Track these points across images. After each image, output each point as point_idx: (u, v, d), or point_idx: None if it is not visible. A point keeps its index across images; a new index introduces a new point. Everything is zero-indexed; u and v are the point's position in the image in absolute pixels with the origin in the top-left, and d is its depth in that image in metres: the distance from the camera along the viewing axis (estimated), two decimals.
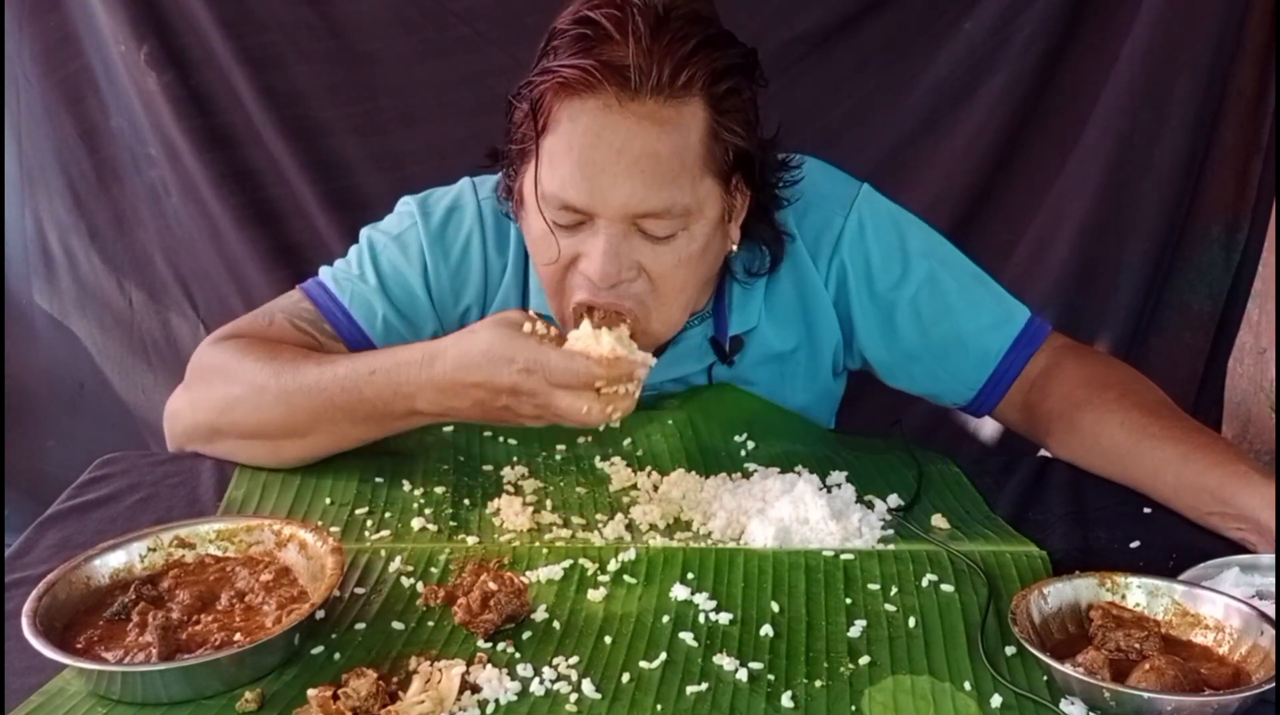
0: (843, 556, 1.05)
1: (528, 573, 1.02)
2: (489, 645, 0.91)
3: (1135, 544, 1.11)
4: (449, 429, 1.31)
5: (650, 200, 1.12)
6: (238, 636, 0.88)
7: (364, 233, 1.36)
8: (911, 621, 0.95)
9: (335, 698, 0.81)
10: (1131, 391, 1.26)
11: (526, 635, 0.93)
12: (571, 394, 1.05)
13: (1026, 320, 1.34)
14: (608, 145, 1.11)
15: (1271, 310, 1.89)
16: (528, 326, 1.07)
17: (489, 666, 0.87)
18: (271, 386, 1.17)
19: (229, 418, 1.20)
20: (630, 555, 1.05)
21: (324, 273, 1.34)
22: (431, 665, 0.87)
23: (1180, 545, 1.09)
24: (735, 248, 1.25)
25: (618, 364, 1.04)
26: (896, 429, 1.35)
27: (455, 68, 1.98)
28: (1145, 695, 0.81)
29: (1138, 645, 0.88)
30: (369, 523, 1.12)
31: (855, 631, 0.94)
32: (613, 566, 1.03)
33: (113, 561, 0.96)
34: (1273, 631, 0.86)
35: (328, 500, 1.16)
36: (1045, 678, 0.88)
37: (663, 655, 0.90)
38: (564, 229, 1.15)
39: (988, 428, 2.05)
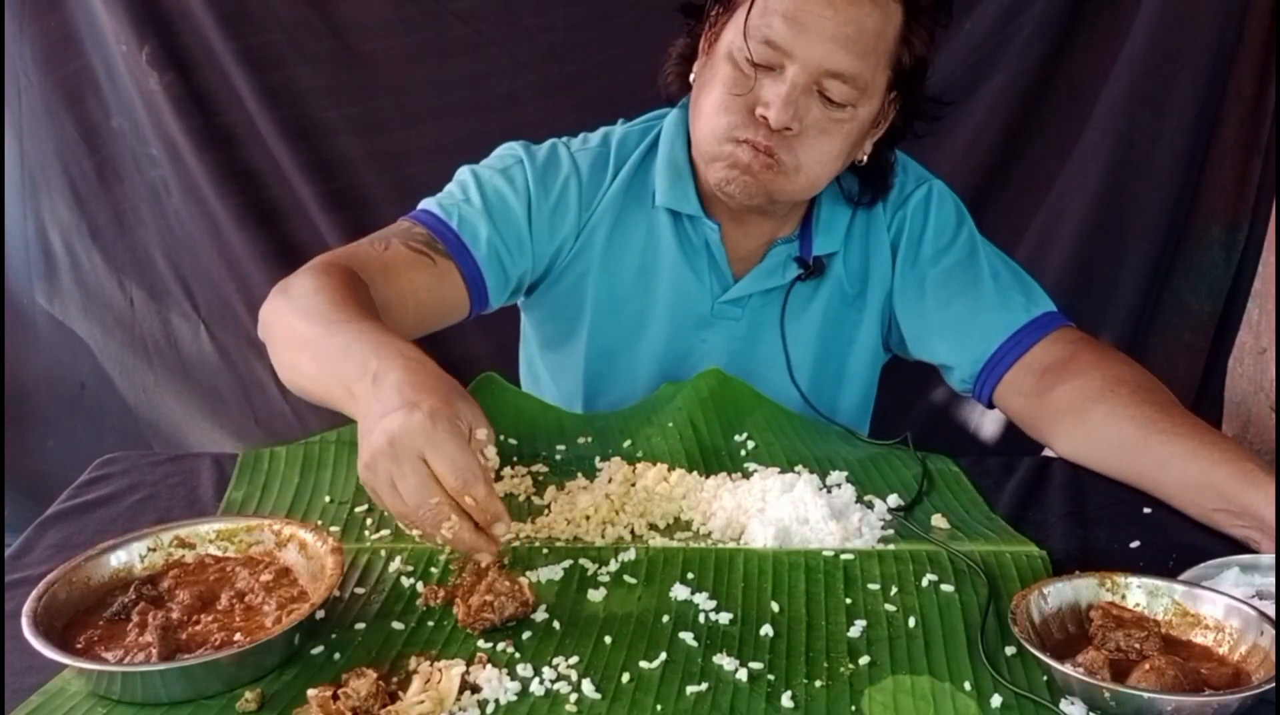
0: (843, 556, 1.05)
1: (528, 573, 1.02)
2: (489, 645, 0.91)
3: (1135, 544, 1.11)
4: None
5: (843, 62, 1.24)
6: (238, 636, 0.88)
7: (465, 168, 1.43)
8: (911, 621, 0.95)
9: (335, 698, 0.81)
10: (1144, 388, 1.26)
11: (526, 635, 0.93)
12: (440, 463, 0.92)
13: (1044, 310, 1.38)
14: (827, 1, 1.23)
15: (1271, 310, 1.89)
16: (482, 433, 0.97)
17: (489, 666, 0.87)
18: (306, 305, 1.15)
19: (275, 323, 1.19)
20: (630, 555, 1.05)
21: (427, 202, 1.39)
22: (431, 665, 0.87)
23: (1180, 545, 1.09)
24: (865, 159, 1.37)
25: (492, 500, 0.94)
26: (905, 441, 1.35)
27: (455, 68, 1.99)
28: (1145, 695, 0.81)
29: (1138, 645, 0.88)
30: (369, 522, 1.12)
31: (855, 631, 0.94)
32: (613, 566, 1.03)
33: (113, 561, 0.96)
34: (1273, 631, 0.86)
35: (327, 499, 1.17)
36: (1045, 678, 0.88)
37: (663, 655, 0.90)
38: (755, 67, 1.26)
39: (988, 428, 2.05)
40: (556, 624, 0.94)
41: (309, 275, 1.21)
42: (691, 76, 1.37)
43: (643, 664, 0.89)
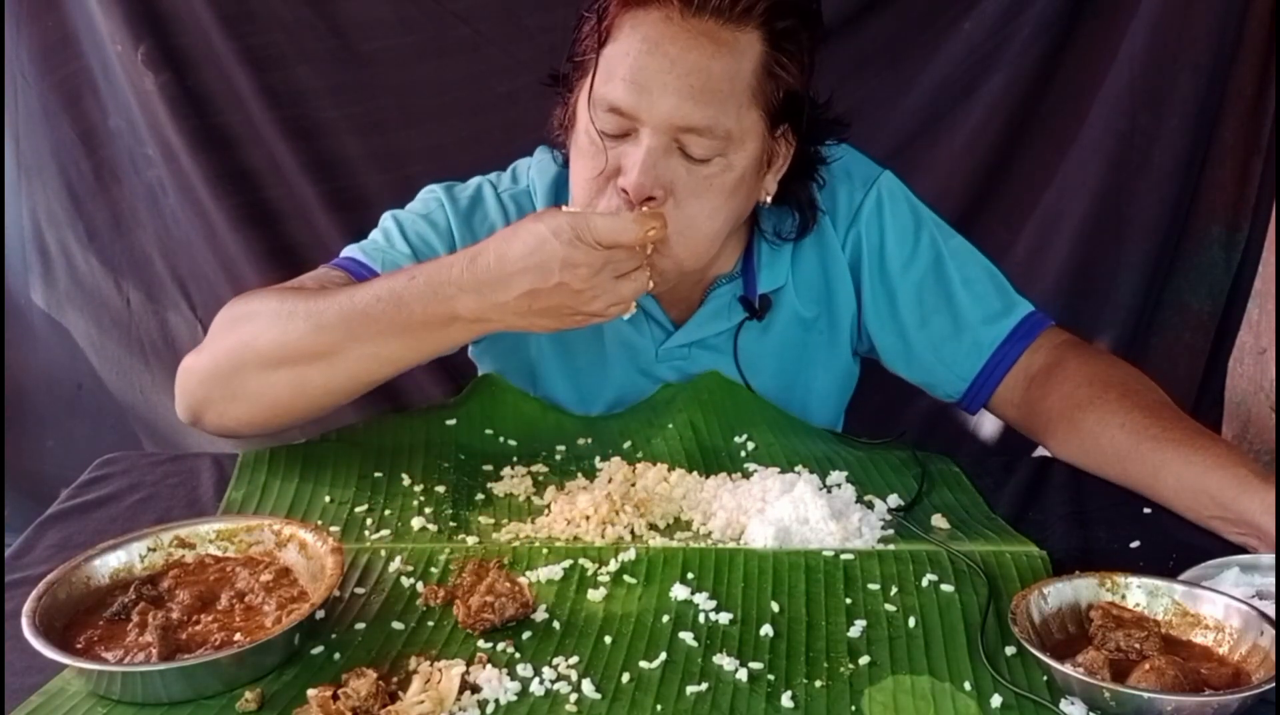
0: (843, 556, 1.05)
1: (528, 573, 1.02)
2: (489, 645, 0.91)
3: (1135, 544, 1.11)
4: (452, 422, 1.32)
5: (694, 115, 1.15)
6: (238, 636, 0.88)
7: (388, 214, 1.38)
8: (911, 621, 0.95)
9: (335, 698, 0.81)
10: (1133, 391, 1.26)
11: (526, 635, 0.93)
12: (624, 257, 1.07)
13: (1025, 315, 1.35)
14: (663, 55, 1.15)
15: (1271, 310, 1.89)
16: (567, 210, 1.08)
17: (489, 666, 0.87)
18: (299, 309, 1.14)
19: (253, 349, 1.17)
20: (630, 555, 1.05)
21: (350, 250, 1.35)
22: (431, 665, 0.87)
23: (1180, 545, 1.09)
24: (769, 199, 1.28)
25: (655, 216, 1.08)
26: (903, 436, 1.35)
27: (455, 68, 1.98)
28: (1145, 695, 0.81)
29: (1138, 645, 0.88)
30: (369, 521, 1.12)
31: (855, 631, 0.94)
32: (613, 566, 1.03)
33: (113, 561, 0.96)
34: (1273, 631, 0.86)
35: (327, 498, 1.16)
36: (1045, 678, 0.88)
37: (663, 655, 0.90)
38: (608, 138, 1.19)
39: (988, 428, 2.05)
40: (556, 624, 0.94)
41: (255, 299, 1.19)
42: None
43: (643, 664, 0.89)
